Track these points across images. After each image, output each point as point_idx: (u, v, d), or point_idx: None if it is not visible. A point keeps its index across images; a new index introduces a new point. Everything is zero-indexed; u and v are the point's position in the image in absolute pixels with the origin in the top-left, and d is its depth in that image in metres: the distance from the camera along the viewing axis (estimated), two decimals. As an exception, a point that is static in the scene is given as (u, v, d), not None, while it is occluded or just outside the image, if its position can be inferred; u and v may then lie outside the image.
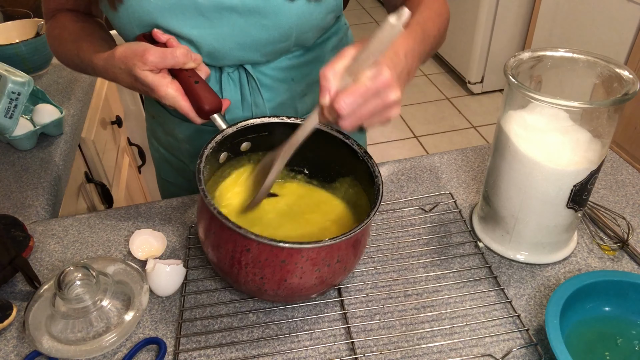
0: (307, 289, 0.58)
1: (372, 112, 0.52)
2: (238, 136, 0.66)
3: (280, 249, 0.53)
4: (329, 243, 0.53)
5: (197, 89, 0.63)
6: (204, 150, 0.60)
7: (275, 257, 0.54)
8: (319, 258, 0.55)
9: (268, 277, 0.56)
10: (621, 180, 0.83)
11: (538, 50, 0.63)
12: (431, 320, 0.62)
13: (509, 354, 0.58)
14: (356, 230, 0.55)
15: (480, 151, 0.91)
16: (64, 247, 0.76)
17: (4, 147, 1.03)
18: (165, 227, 0.78)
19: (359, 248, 0.60)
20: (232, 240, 0.55)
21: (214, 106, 0.64)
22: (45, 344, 0.59)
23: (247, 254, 0.55)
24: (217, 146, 0.63)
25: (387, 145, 2.70)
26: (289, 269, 0.55)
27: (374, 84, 0.50)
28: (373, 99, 0.51)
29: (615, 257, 0.69)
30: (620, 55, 2.08)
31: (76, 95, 1.22)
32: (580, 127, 0.59)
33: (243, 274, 0.56)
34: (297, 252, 0.54)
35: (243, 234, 0.53)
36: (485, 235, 0.72)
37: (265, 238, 0.52)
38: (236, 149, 0.68)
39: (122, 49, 0.64)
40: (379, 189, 0.60)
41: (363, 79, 0.51)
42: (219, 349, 0.60)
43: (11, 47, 1.21)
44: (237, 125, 0.65)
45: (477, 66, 2.93)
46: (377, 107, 0.52)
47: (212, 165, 0.65)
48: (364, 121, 0.52)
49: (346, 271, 0.60)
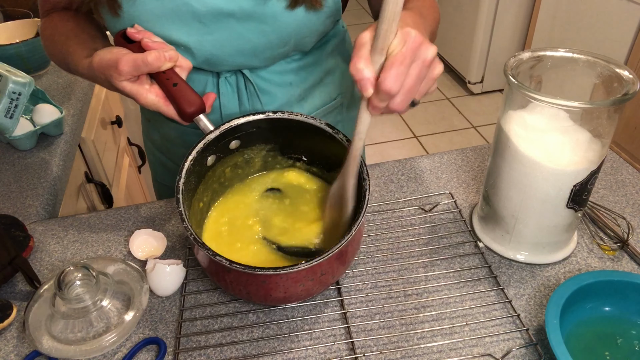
0: (295, 298, 0.59)
1: (418, 77, 0.49)
2: (223, 137, 0.64)
3: (256, 275, 0.53)
4: (305, 267, 0.52)
5: (176, 92, 0.60)
6: (184, 164, 0.59)
7: (256, 279, 0.55)
8: (299, 277, 0.55)
9: (253, 292, 0.57)
10: (621, 180, 0.83)
11: (538, 50, 0.63)
12: (431, 320, 0.62)
13: (509, 353, 0.58)
14: (334, 250, 0.53)
15: (480, 151, 0.91)
16: (64, 247, 0.76)
17: (4, 147, 1.03)
18: (165, 227, 0.78)
19: (345, 257, 0.59)
20: (213, 262, 0.56)
21: (196, 108, 0.61)
22: (45, 344, 0.59)
23: (229, 274, 0.56)
24: (200, 154, 0.61)
25: (387, 145, 2.70)
26: (271, 287, 0.55)
27: (408, 47, 0.48)
28: (414, 64, 0.48)
29: (615, 257, 0.69)
30: (620, 55, 2.08)
31: (76, 95, 1.22)
32: (580, 127, 0.59)
33: (230, 288, 0.58)
34: (275, 276, 0.54)
35: (218, 261, 0.53)
36: (485, 235, 0.72)
37: (240, 265, 0.52)
38: (225, 149, 0.66)
39: (98, 59, 0.62)
40: (365, 195, 0.58)
41: (395, 50, 0.48)
42: (219, 348, 0.60)
43: (11, 47, 1.21)
44: (220, 128, 0.62)
45: (477, 66, 2.93)
46: (421, 70, 0.49)
47: (199, 171, 0.64)
48: (413, 92, 0.50)
49: (334, 278, 0.60)
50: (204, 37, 0.67)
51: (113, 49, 0.63)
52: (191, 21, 0.66)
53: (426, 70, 0.50)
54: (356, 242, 0.61)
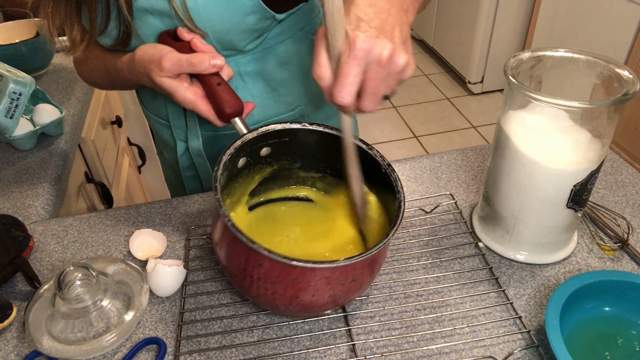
0: (319, 306, 0.56)
1: (377, 78, 0.48)
2: (258, 141, 0.63)
3: (293, 267, 0.51)
4: (344, 264, 0.51)
5: (219, 91, 0.61)
6: (222, 156, 0.58)
7: (288, 275, 0.52)
8: (332, 277, 0.53)
9: (280, 292, 0.54)
10: (621, 180, 0.83)
11: (538, 50, 0.63)
12: (432, 321, 0.62)
13: (510, 355, 0.58)
14: (373, 251, 0.52)
15: (480, 151, 0.91)
16: (64, 247, 0.76)
17: (4, 147, 1.03)
18: (165, 227, 0.78)
19: (375, 267, 0.58)
20: (245, 253, 0.53)
21: (236, 109, 0.62)
22: (45, 344, 0.59)
23: (260, 269, 0.53)
24: (236, 152, 0.60)
25: (387, 145, 2.70)
26: (301, 287, 0.53)
27: (354, 55, 0.47)
28: (370, 67, 0.48)
29: (615, 257, 0.69)
30: (620, 55, 2.08)
31: (76, 95, 1.22)
32: (580, 127, 0.59)
33: (255, 287, 0.55)
34: (310, 271, 0.52)
35: (256, 249, 0.50)
36: (485, 235, 0.72)
37: (278, 255, 0.50)
38: (256, 154, 0.65)
39: (140, 52, 0.63)
40: (400, 207, 0.57)
41: (342, 59, 0.48)
42: (220, 350, 0.60)
43: (11, 47, 1.21)
44: (258, 131, 0.62)
45: (477, 66, 2.94)
46: (378, 71, 0.48)
47: (230, 171, 0.63)
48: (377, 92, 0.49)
49: (361, 289, 0.58)
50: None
51: (157, 45, 0.63)
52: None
53: (385, 69, 0.48)
54: (384, 254, 0.59)
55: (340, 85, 0.48)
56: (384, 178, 0.61)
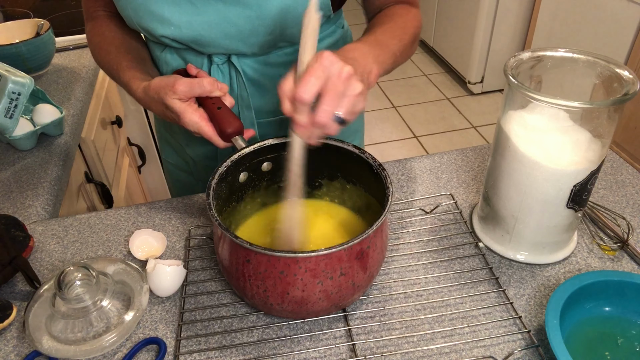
0: (312, 303, 0.57)
1: (334, 90, 0.52)
2: (257, 156, 0.68)
3: (277, 258, 0.54)
4: (324, 252, 0.53)
5: (220, 114, 0.67)
6: (218, 168, 0.63)
7: (274, 268, 0.54)
8: (318, 269, 0.54)
9: (270, 289, 0.56)
10: (621, 180, 0.83)
11: (538, 50, 0.63)
12: (432, 321, 0.62)
13: (510, 355, 0.58)
14: (354, 241, 0.54)
15: (480, 151, 0.91)
16: (64, 247, 0.76)
17: (4, 147, 1.03)
18: (165, 227, 0.78)
19: (367, 262, 0.58)
20: (235, 251, 0.57)
21: (236, 129, 0.67)
22: (45, 344, 0.59)
23: (248, 265, 0.56)
24: (234, 165, 0.65)
25: (387, 145, 2.70)
26: (289, 281, 0.55)
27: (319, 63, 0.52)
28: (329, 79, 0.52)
29: (615, 257, 0.69)
30: (620, 55, 2.08)
31: (76, 95, 1.22)
32: (580, 127, 0.59)
33: (248, 286, 0.57)
34: (293, 262, 0.54)
35: (239, 243, 0.54)
36: (485, 235, 0.72)
37: (259, 247, 0.53)
38: (257, 169, 0.70)
39: (157, 80, 0.68)
40: (388, 199, 0.59)
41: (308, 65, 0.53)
42: (220, 350, 0.60)
43: (11, 47, 1.21)
44: (254, 145, 0.67)
45: (477, 66, 2.94)
46: (336, 84, 0.52)
47: (232, 185, 0.67)
48: (333, 104, 0.52)
49: (355, 287, 0.58)
50: (193, 18, 0.71)
51: (171, 75, 0.70)
52: (182, 1, 0.70)
53: (343, 85, 0.53)
54: (378, 250, 0.60)
55: (304, 83, 0.52)
56: (377, 179, 0.63)
